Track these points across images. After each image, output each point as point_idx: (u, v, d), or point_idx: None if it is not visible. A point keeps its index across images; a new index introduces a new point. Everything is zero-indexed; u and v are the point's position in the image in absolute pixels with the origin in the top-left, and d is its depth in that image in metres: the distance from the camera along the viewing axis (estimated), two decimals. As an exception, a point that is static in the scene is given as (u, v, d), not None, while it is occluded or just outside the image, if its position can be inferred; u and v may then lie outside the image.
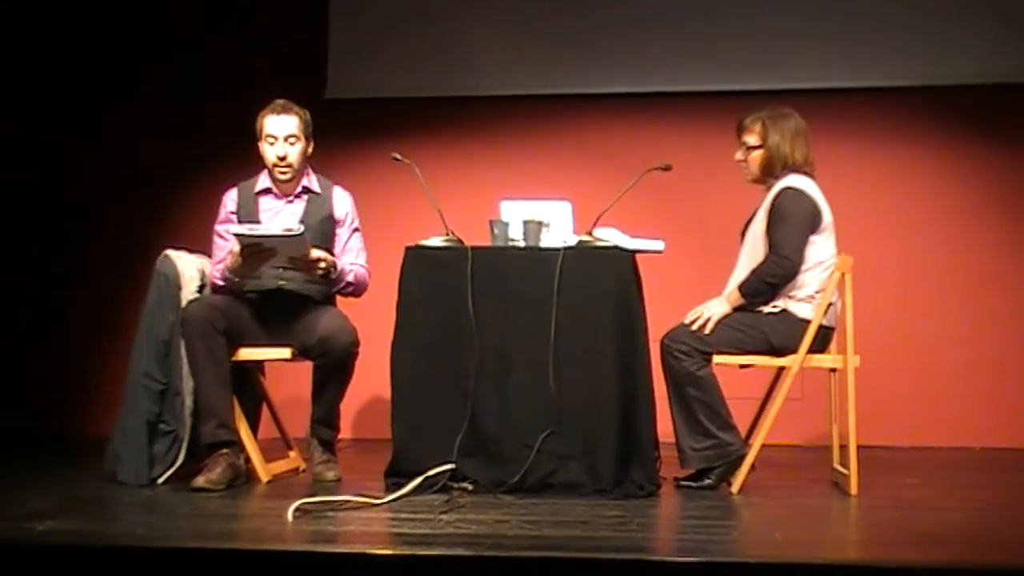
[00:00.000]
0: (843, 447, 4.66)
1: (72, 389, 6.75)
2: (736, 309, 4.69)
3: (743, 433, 4.75)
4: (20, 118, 7.01)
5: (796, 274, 4.65)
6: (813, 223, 4.70)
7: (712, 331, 4.64)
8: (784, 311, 4.67)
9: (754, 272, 4.69)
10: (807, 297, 4.66)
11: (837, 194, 6.39)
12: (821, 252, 4.71)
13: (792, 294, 4.67)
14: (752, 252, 4.79)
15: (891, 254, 6.39)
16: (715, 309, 4.68)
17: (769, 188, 4.82)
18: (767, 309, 4.69)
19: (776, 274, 4.65)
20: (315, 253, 4.74)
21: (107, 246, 6.80)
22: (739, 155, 4.89)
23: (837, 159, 6.47)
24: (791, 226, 4.66)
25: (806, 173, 4.80)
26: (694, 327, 4.65)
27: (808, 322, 4.61)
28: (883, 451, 5.74)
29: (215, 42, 6.86)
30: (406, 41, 6.74)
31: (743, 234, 4.91)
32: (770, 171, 4.81)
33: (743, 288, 4.70)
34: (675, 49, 6.54)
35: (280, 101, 4.97)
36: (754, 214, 4.88)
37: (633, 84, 6.58)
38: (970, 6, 6.39)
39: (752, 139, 4.83)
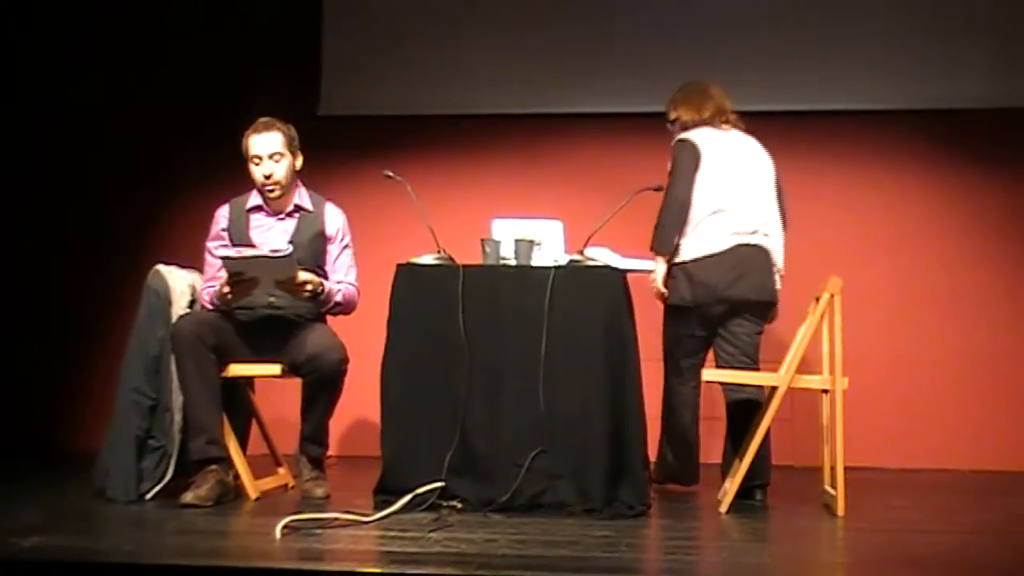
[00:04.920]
0: (833, 468, 4.66)
1: (61, 403, 6.73)
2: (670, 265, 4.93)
3: (733, 453, 4.77)
4: (10, 133, 7.00)
5: (683, 213, 4.91)
6: (696, 165, 4.97)
7: (661, 293, 4.93)
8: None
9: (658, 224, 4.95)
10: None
11: (826, 215, 6.46)
12: (702, 196, 4.95)
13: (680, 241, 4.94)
14: None
15: (881, 275, 6.41)
16: (656, 274, 4.93)
17: None
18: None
19: (662, 216, 4.93)
20: (302, 276, 4.74)
21: (98, 261, 6.79)
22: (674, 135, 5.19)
23: (827, 180, 6.52)
24: (673, 170, 4.98)
25: (710, 124, 5.11)
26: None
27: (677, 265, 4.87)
28: (873, 472, 5.76)
29: (208, 59, 6.86)
30: (399, 59, 6.76)
31: None
32: (686, 130, 5.12)
33: (652, 246, 4.93)
34: (669, 69, 6.52)
35: (263, 119, 4.98)
36: None
37: (626, 104, 6.59)
38: (961, 32, 6.43)
39: (671, 116, 5.22)
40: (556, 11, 6.70)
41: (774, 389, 4.66)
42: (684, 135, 5.05)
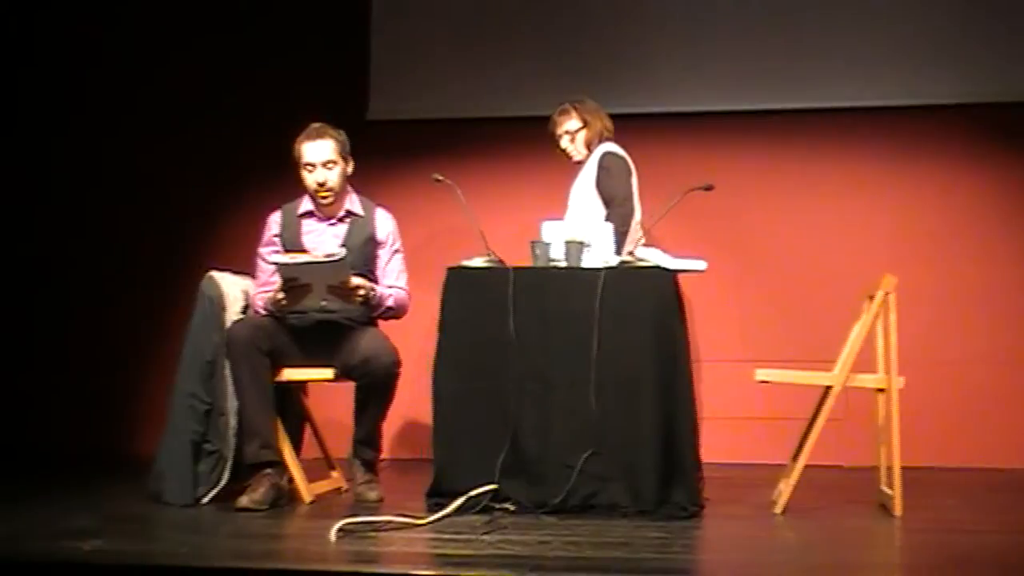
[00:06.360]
0: (890, 468, 4.62)
1: (117, 409, 6.80)
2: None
3: (792, 453, 4.74)
4: (66, 138, 7.10)
5: (632, 216, 5.29)
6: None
7: None
8: None
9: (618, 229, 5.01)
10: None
11: (876, 212, 6.40)
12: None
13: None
14: (579, 210, 5.37)
15: (930, 272, 6.33)
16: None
17: (587, 158, 5.45)
18: None
19: (622, 222, 5.16)
20: (355, 280, 4.77)
21: (152, 267, 6.86)
22: (564, 144, 5.49)
23: (874, 177, 6.46)
24: (620, 180, 5.31)
25: (612, 138, 5.47)
26: None
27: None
28: (927, 472, 5.69)
29: (258, 66, 6.91)
30: (447, 63, 6.78)
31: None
32: (591, 145, 5.46)
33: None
34: (716, 69, 6.54)
35: (315, 125, 4.99)
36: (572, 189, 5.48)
37: (674, 104, 6.57)
38: (1006, 24, 6.35)
39: (574, 123, 5.47)
40: (601, 13, 6.69)
41: (828, 389, 4.62)
42: (614, 149, 5.41)
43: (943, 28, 6.40)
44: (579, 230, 4.77)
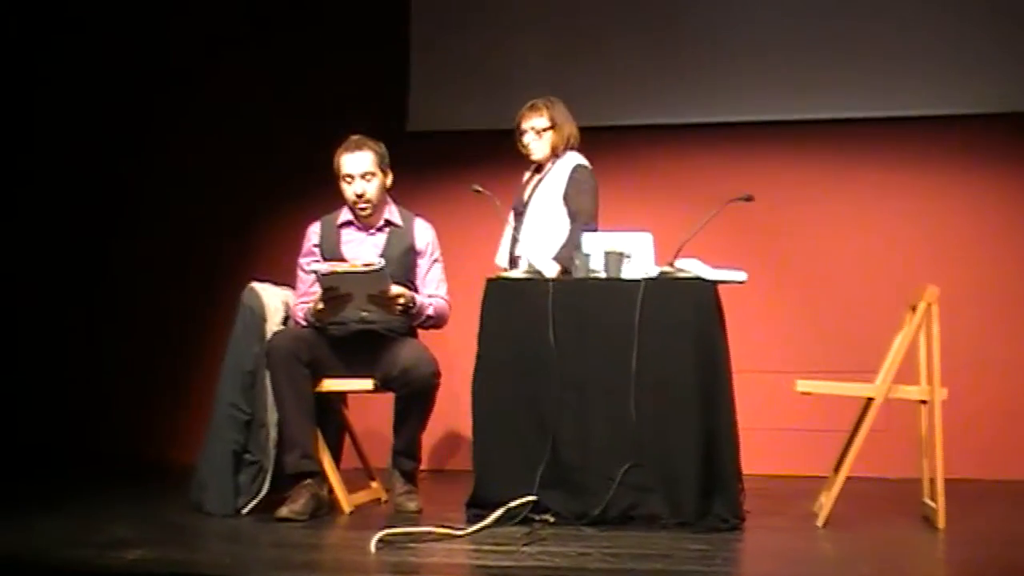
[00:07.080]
0: (933, 480, 4.58)
1: (158, 419, 6.84)
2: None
3: (833, 465, 4.71)
4: (108, 150, 7.16)
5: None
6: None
7: None
8: None
9: (572, 243, 4.92)
10: None
11: (914, 222, 6.36)
12: None
13: None
14: (543, 218, 5.16)
15: (971, 283, 6.26)
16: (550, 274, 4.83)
17: (548, 162, 5.28)
18: None
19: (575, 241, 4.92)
20: (394, 289, 4.77)
21: (194, 278, 6.91)
22: (527, 140, 5.30)
23: (913, 187, 6.42)
24: (590, 196, 5.18)
25: (577, 150, 5.30)
26: None
27: None
28: (973, 484, 5.64)
29: (299, 77, 6.95)
30: (486, 74, 6.79)
31: (517, 212, 5.27)
32: (556, 149, 5.28)
33: (564, 259, 4.90)
34: (755, 79, 6.51)
35: (354, 137, 5.01)
36: (529, 194, 5.29)
37: (714, 114, 6.56)
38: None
39: (543, 122, 5.26)
40: (639, 25, 6.69)
41: (870, 400, 4.59)
42: (586, 163, 5.26)
43: (975, 37, 6.35)
44: (619, 241, 4.75)
